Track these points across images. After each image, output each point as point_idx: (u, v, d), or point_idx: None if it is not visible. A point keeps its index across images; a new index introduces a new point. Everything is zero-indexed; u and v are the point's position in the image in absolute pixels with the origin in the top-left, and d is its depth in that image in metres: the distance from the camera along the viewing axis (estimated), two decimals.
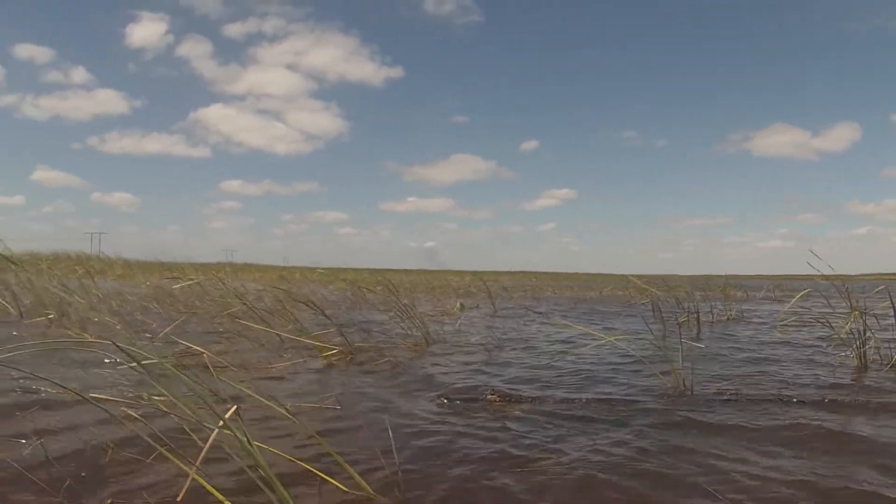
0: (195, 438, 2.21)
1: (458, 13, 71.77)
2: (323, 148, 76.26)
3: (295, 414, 2.30)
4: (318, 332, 5.79)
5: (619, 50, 78.04)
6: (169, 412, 2.36)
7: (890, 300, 5.38)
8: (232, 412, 1.67)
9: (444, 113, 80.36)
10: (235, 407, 1.69)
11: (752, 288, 21.15)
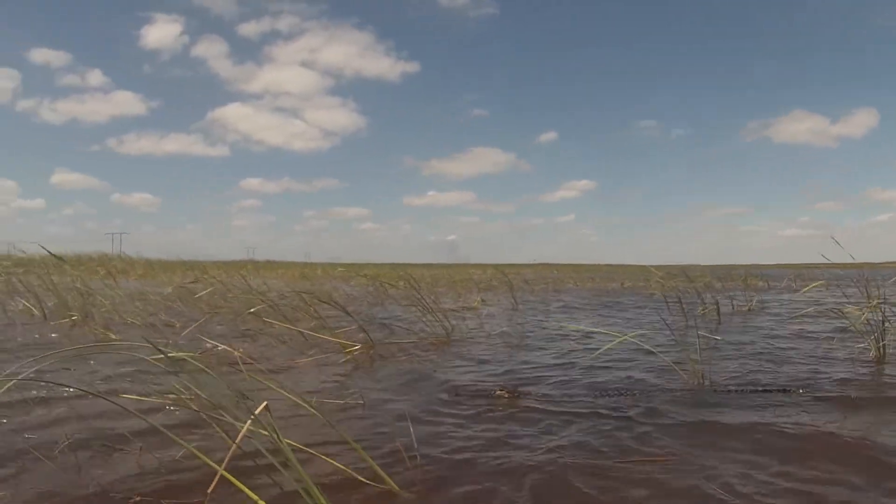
0: (223, 435, 2.22)
1: (471, 6, 71.79)
2: (341, 144, 76.77)
3: (318, 410, 2.31)
4: (340, 328, 5.81)
5: (636, 39, 77.68)
6: (198, 410, 2.36)
7: None
8: (262, 408, 1.67)
9: (461, 106, 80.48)
10: (265, 403, 1.69)
11: (773, 277, 20.96)
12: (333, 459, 2.29)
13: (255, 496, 1.86)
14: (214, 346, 4.41)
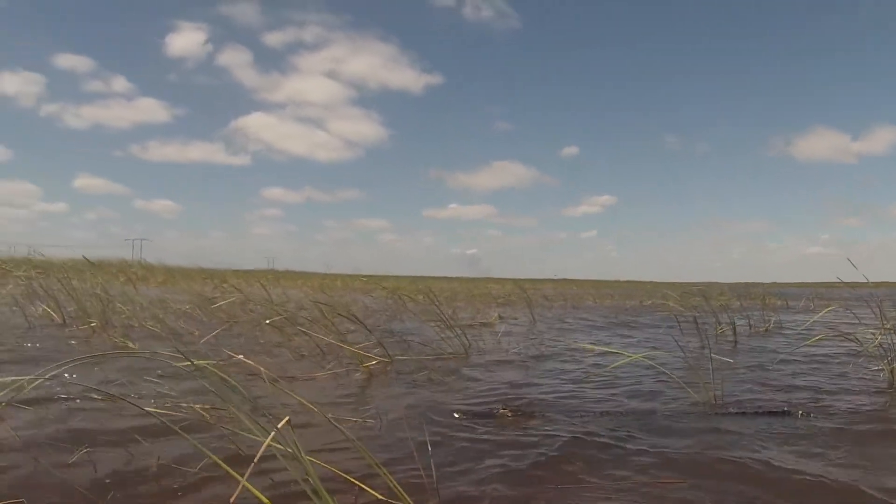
0: (238, 447, 2.20)
1: (495, 19, 72.35)
2: (364, 155, 77.30)
3: (335, 423, 2.28)
4: (358, 342, 5.81)
5: (660, 56, 77.81)
6: (217, 423, 2.36)
7: None
8: (284, 423, 1.65)
9: (485, 119, 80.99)
10: (287, 418, 1.67)
11: (792, 296, 20.70)
12: (348, 473, 2.27)
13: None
14: (231, 355, 4.42)
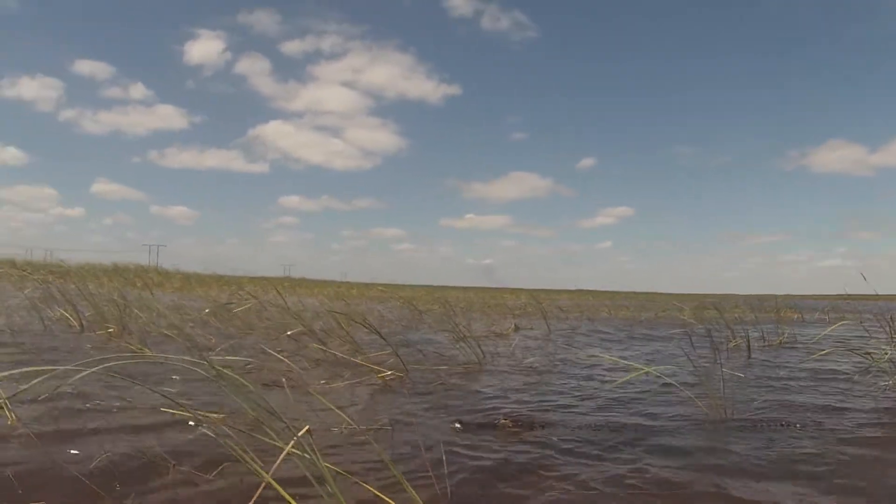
0: (251, 458, 2.22)
1: (514, 30, 72.37)
2: (381, 164, 77.34)
3: (351, 432, 2.30)
4: (374, 352, 5.82)
5: (674, 67, 77.34)
6: (234, 428, 2.38)
7: None
8: (304, 431, 1.67)
9: (502, 130, 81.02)
10: (307, 427, 1.69)
11: (807, 309, 20.49)
12: (364, 481, 2.28)
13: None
14: (247, 363, 4.46)
